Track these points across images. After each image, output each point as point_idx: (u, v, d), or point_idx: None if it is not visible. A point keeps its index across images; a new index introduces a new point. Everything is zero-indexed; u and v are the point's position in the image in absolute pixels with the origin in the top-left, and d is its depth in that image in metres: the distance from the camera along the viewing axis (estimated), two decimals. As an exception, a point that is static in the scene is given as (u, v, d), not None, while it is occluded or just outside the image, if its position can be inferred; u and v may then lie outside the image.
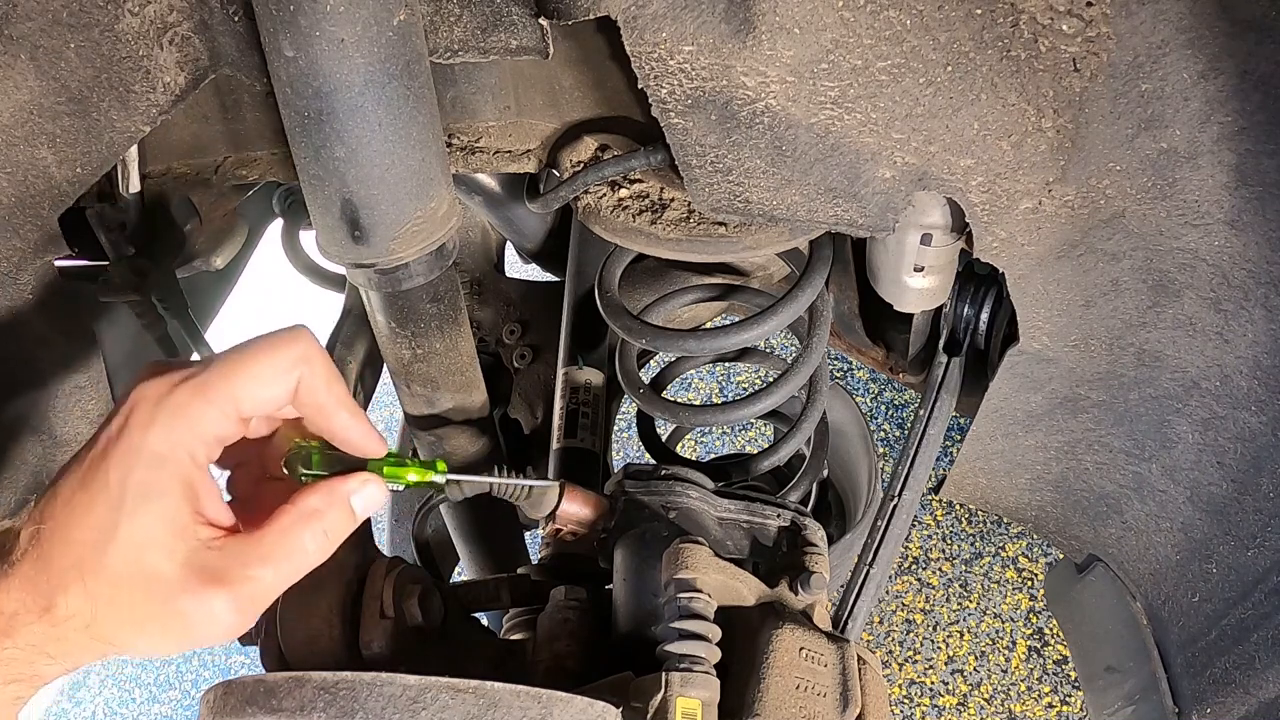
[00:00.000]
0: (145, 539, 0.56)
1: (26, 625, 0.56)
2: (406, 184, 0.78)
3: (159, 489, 0.56)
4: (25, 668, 0.57)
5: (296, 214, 1.69)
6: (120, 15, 0.73)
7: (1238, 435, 0.93)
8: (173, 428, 0.57)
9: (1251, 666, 0.97)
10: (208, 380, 0.58)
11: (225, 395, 0.58)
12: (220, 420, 0.58)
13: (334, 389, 0.63)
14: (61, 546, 0.56)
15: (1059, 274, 0.90)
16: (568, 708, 0.65)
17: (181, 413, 0.57)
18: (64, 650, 0.57)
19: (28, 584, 0.56)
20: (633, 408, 1.27)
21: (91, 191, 0.98)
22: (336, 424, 0.64)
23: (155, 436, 0.56)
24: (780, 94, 0.76)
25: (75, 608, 0.56)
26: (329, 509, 0.62)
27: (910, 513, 1.14)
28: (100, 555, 0.56)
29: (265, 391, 0.60)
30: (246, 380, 0.59)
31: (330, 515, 0.62)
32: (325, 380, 0.62)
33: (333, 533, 0.62)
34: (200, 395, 0.57)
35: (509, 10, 0.78)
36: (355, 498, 0.63)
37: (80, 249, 1.14)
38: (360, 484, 0.64)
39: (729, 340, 1.03)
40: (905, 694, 2.41)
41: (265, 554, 0.59)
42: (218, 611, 0.57)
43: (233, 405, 0.59)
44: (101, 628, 0.57)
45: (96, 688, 3.29)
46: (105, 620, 0.57)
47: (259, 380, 0.59)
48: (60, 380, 0.97)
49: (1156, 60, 0.72)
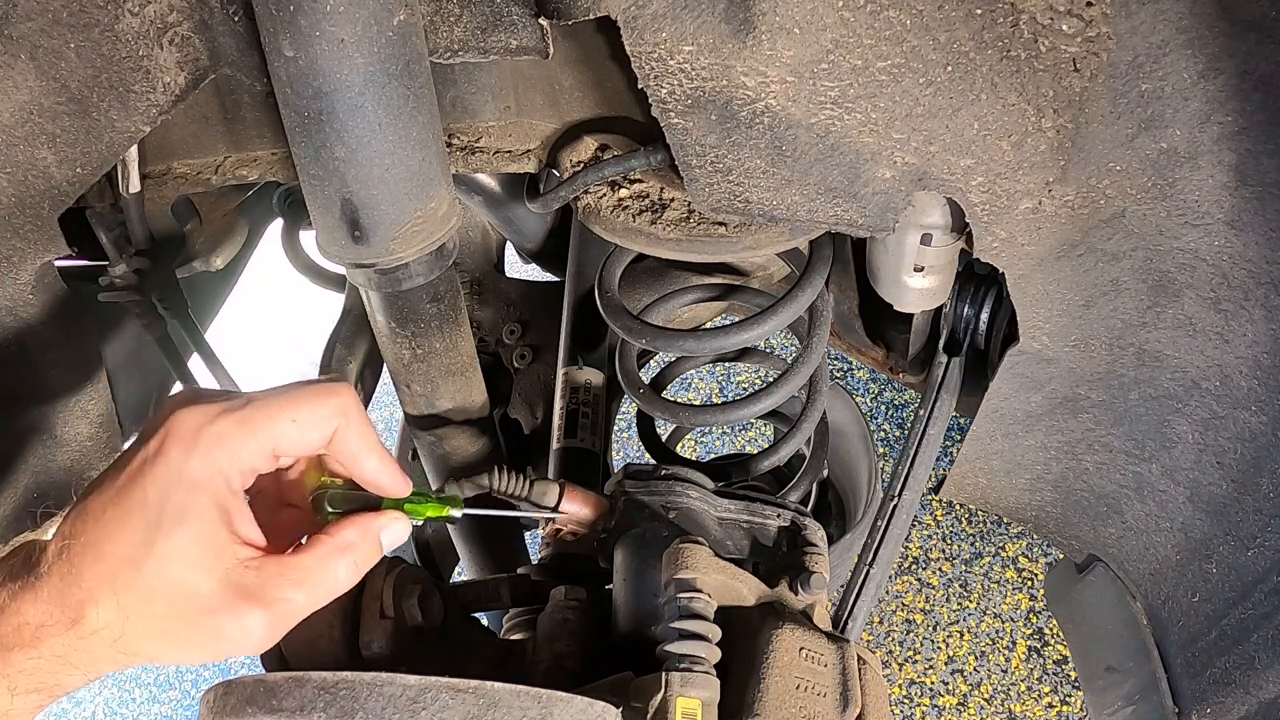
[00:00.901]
0: (183, 556, 0.59)
1: (53, 637, 0.58)
2: (406, 184, 0.78)
3: (196, 511, 0.59)
4: (48, 677, 0.59)
5: (296, 214, 1.69)
6: (120, 15, 0.73)
7: (1238, 435, 0.93)
8: (212, 455, 0.60)
9: (1251, 666, 0.97)
10: (250, 416, 0.61)
11: (266, 433, 0.62)
12: (257, 454, 0.62)
13: (367, 439, 0.67)
14: (94, 561, 0.58)
15: (1059, 274, 0.90)
16: (568, 708, 0.65)
17: (222, 442, 0.60)
18: (89, 662, 0.59)
19: (56, 596, 0.58)
20: (633, 408, 1.27)
21: (91, 191, 0.98)
22: (368, 470, 0.68)
23: (196, 462, 0.59)
24: (780, 94, 0.76)
25: (105, 620, 0.58)
26: (361, 542, 0.66)
27: (910, 513, 1.14)
28: (135, 570, 0.58)
29: (303, 436, 0.64)
30: (287, 424, 0.63)
31: (362, 548, 0.66)
32: (360, 432, 0.67)
33: (362, 564, 0.67)
34: (242, 428, 0.61)
35: (509, 10, 0.78)
36: (385, 533, 0.68)
37: (80, 249, 1.14)
38: (390, 521, 0.69)
39: (729, 340, 1.03)
40: (905, 694, 2.41)
41: (301, 578, 0.63)
42: (252, 628, 0.60)
43: (271, 443, 0.62)
44: (130, 641, 0.59)
45: (97, 688, 3.29)
46: (135, 634, 0.59)
47: (299, 425, 0.63)
48: (60, 380, 0.97)
49: (1156, 60, 0.72)
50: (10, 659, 0.58)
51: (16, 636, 0.58)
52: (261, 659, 0.83)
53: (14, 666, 0.58)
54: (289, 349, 3.77)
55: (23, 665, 0.58)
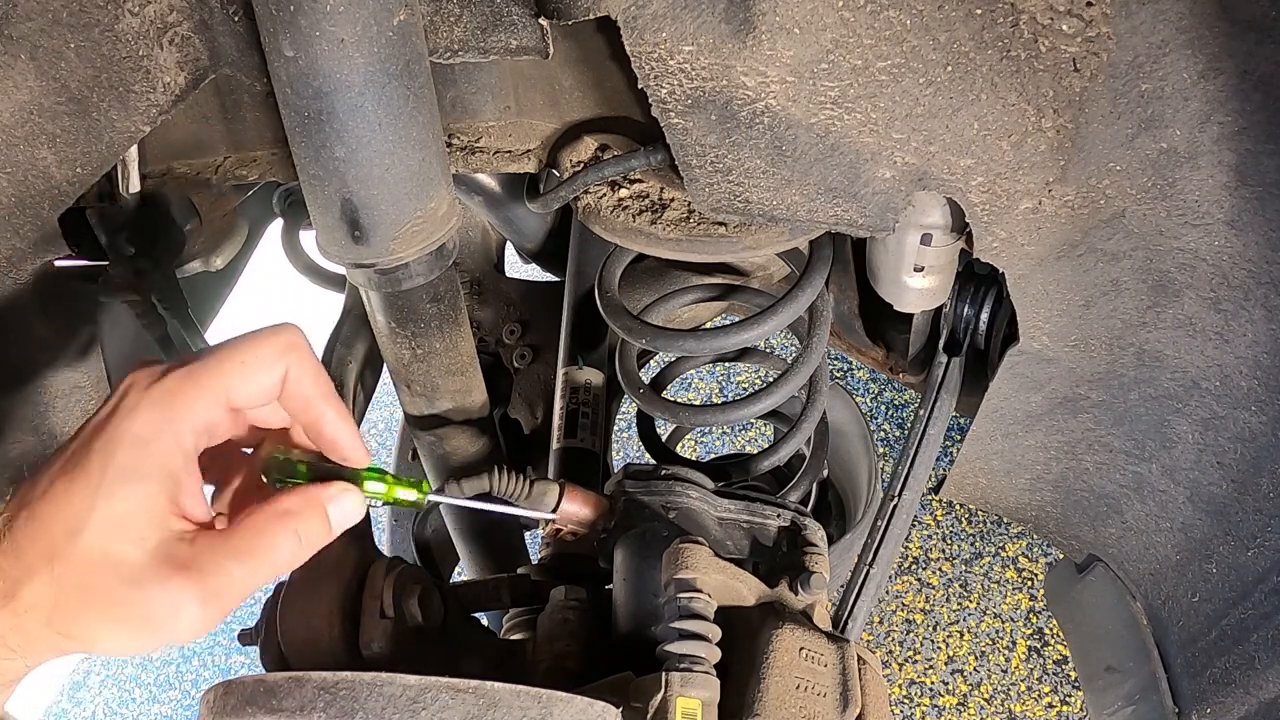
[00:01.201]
0: (118, 523, 0.55)
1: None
2: (406, 184, 0.78)
3: (140, 472, 0.55)
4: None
5: (296, 214, 1.69)
6: (120, 15, 0.73)
7: (1238, 435, 0.93)
8: (161, 411, 0.56)
9: (1251, 666, 0.97)
10: (197, 369, 0.58)
11: (215, 383, 0.58)
12: (210, 407, 0.58)
13: (320, 382, 0.63)
14: (33, 534, 0.55)
15: (1059, 274, 0.90)
16: (568, 708, 0.65)
17: (169, 398, 0.57)
18: (25, 643, 0.56)
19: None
20: (633, 408, 1.27)
21: (91, 191, 0.98)
22: (325, 420, 0.64)
23: (141, 420, 0.56)
24: (780, 94, 0.76)
25: (39, 596, 0.54)
26: (303, 512, 0.61)
27: (910, 513, 1.14)
28: (73, 541, 0.54)
29: (254, 379, 0.60)
30: (235, 367, 0.59)
31: (304, 518, 0.61)
32: (312, 373, 0.63)
33: (306, 537, 0.61)
34: (190, 381, 0.57)
35: (509, 10, 0.78)
36: (332, 505, 0.63)
37: (80, 249, 1.15)
38: (338, 492, 0.64)
39: (729, 340, 1.03)
40: (905, 694, 2.41)
41: (235, 548, 0.58)
42: (182, 602, 0.55)
43: (223, 393, 0.59)
44: (62, 619, 0.55)
45: (97, 688, 3.29)
46: (66, 610, 0.55)
47: (248, 367, 0.60)
48: (60, 380, 0.97)
49: (1156, 60, 0.72)
50: None
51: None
52: (261, 659, 0.83)
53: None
54: (289, 349, 3.77)
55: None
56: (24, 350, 0.91)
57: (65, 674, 3.38)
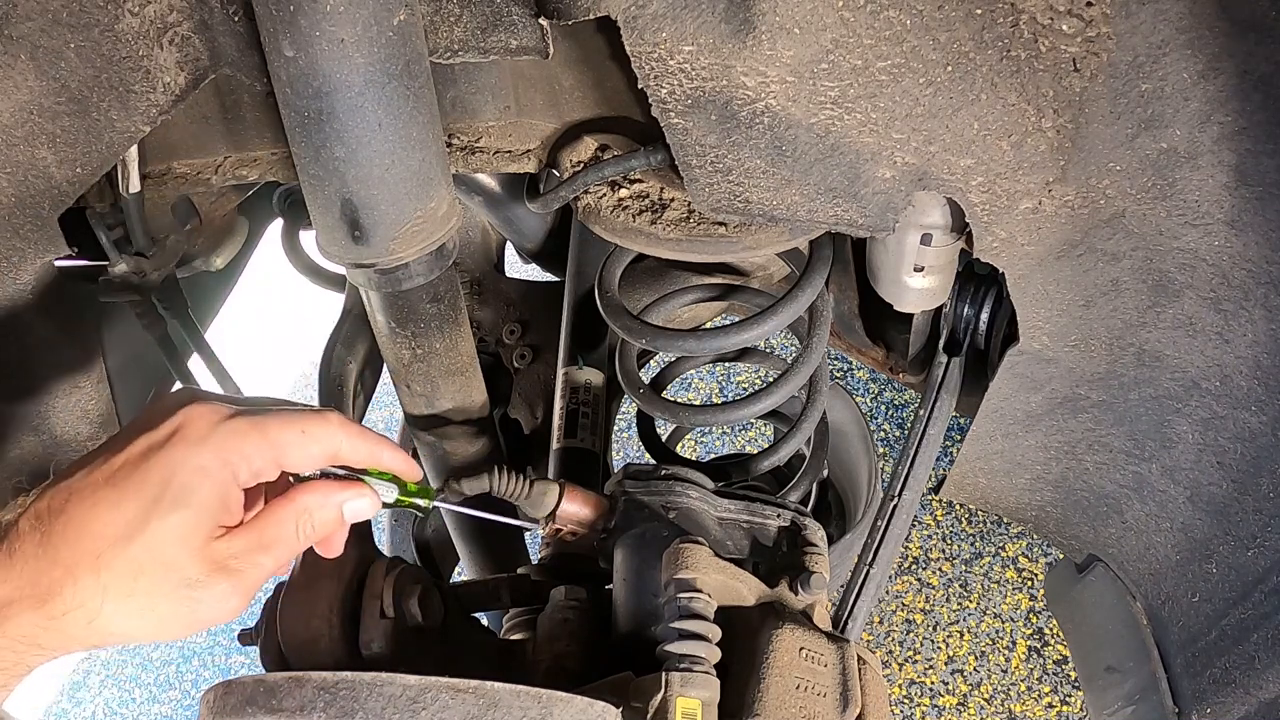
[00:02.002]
0: (171, 537, 0.60)
1: (20, 615, 0.58)
2: (406, 184, 0.78)
3: (199, 498, 0.61)
4: (10, 656, 0.59)
5: (296, 214, 1.69)
6: (120, 15, 0.73)
7: (1238, 435, 0.93)
8: (224, 449, 0.62)
9: (1251, 666, 0.97)
10: (264, 422, 0.64)
11: (276, 439, 0.64)
12: (266, 457, 0.64)
13: (372, 442, 0.71)
14: (76, 539, 0.58)
15: (1059, 274, 0.90)
16: (568, 708, 0.65)
17: (234, 440, 0.62)
18: (59, 641, 0.59)
19: (29, 575, 0.58)
20: (633, 408, 1.27)
21: (91, 191, 0.98)
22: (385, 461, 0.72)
23: (209, 453, 0.61)
24: (780, 94, 0.76)
25: (83, 599, 0.58)
26: (319, 510, 0.68)
27: (910, 513, 1.14)
28: (123, 548, 0.58)
29: (307, 450, 0.66)
30: (295, 435, 0.65)
31: (319, 515, 0.68)
32: (359, 437, 0.70)
33: (319, 529, 0.68)
34: (255, 432, 0.63)
35: (509, 10, 0.77)
36: (347, 505, 0.70)
37: (80, 249, 1.14)
38: (355, 495, 0.70)
39: (729, 340, 1.03)
40: (905, 694, 2.41)
41: (262, 541, 0.65)
42: (227, 597, 0.62)
43: (279, 453, 0.65)
44: (107, 620, 0.59)
45: (97, 688, 3.29)
46: (113, 612, 0.59)
47: (306, 438, 0.66)
48: (60, 380, 0.97)
49: (1156, 60, 0.72)
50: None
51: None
52: (261, 659, 0.83)
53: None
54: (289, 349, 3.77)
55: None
56: (24, 350, 0.91)
57: (65, 674, 3.38)
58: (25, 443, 0.98)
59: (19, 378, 0.94)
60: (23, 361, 0.92)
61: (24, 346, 0.90)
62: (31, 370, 0.94)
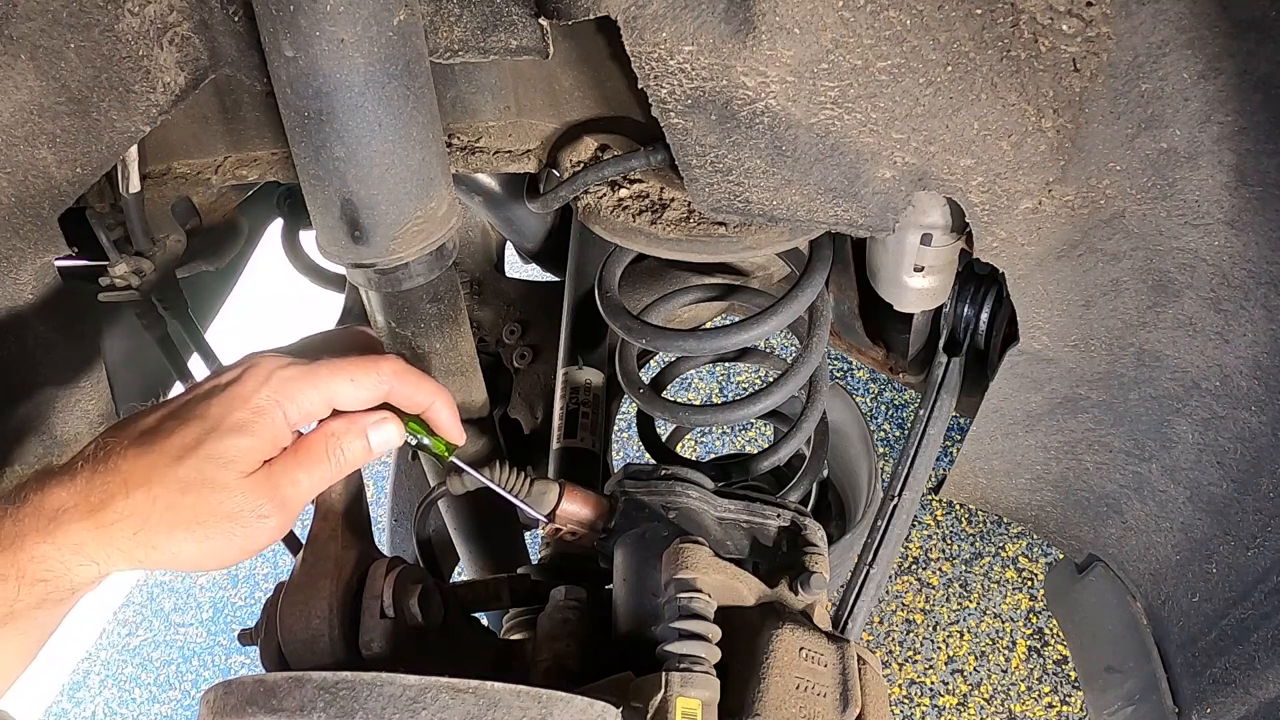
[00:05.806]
0: (221, 458, 0.64)
1: (71, 523, 0.61)
2: (406, 184, 0.78)
3: (253, 429, 0.66)
4: (58, 566, 0.62)
5: (296, 214, 1.69)
6: (120, 15, 0.73)
7: (1238, 435, 0.93)
8: (280, 391, 0.68)
9: (1251, 666, 0.97)
10: (316, 369, 0.70)
11: (327, 386, 0.70)
12: (317, 402, 0.70)
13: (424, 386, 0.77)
14: (135, 459, 0.63)
15: (1059, 274, 0.90)
16: (568, 708, 0.65)
17: (290, 384, 0.69)
18: (105, 555, 0.62)
19: (83, 486, 0.62)
20: (633, 408, 1.27)
21: (91, 191, 0.98)
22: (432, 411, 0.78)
23: (265, 393, 0.67)
24: (780, 94, 0.76)
25: (132, 509, 0.62)
26: (345, 434, 0.72)
27: (910, 513, 1.14)
28: (174, 466, 0.63)
29: (356, 395, 0.72)
30: (345, 381, 0.71)
31: (345, 439, 0.72)
32: (415, 383, 0.76)
33: (349, 453, 0.73)
34: (310, 377, 0.70)
35: (509, 10, 0.77)
36: (372, 431, 0.74)
37: (80, 249, 1.14)
38: (379, 421, 0.74)
39: (729, 340, 1.03)
40: (905, 694, 2.41)
41: (299, 460, 0.70)
42: (269, 516, 0.66)
43: (331, 395, 0.71)
44: (152, 532, 0.63)
45: (96, 688, 3.29)
46: (159, 524, 0.63)
47: (355, 384, 0.72)
48: (60, 380, 0.97)
49: (1156, 60, 0.72)
50: (24, 545, 0.61)
51: (33, 521, 0.61)
52: (262, 659, 0.83)
53: (26, 554, 0.61)
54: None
55: (34, 552, 0.61)
56: (24, 350, 0.91)
57: (65, 674, 3.38)
58: (25, 442, 0.98)
59: (18, 378, 0.93)
60: (22, 361, 0.92)
61: (24, 346, 0.90)
62: (31, 370, 0.94)
